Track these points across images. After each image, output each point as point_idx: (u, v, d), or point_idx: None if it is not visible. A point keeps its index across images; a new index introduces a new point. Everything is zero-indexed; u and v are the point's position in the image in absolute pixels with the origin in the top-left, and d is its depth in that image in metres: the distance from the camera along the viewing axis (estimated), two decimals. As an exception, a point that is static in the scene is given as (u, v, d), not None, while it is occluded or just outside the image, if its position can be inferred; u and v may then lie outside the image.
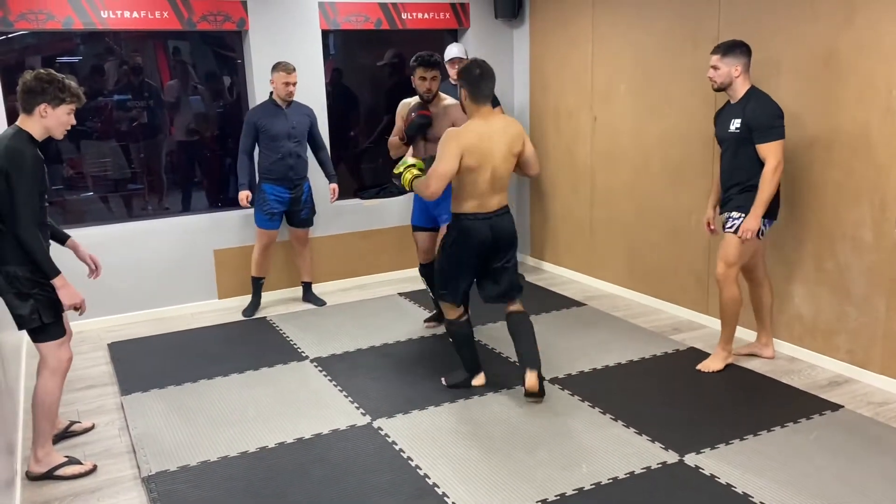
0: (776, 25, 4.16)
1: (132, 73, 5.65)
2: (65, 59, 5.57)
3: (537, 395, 3.74)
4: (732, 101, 3.93)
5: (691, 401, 3.80)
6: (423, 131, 4.46)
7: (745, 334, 4.51)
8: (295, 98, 5.15)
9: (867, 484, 3.01)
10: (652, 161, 5.10)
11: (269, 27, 5.40)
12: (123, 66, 5.62)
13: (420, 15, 5.92)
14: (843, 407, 3.66)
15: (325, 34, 5.76)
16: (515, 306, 3.89)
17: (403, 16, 5.84)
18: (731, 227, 3.93)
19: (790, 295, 4.29)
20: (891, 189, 3.71)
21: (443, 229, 4.43)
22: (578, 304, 5.36)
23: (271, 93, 5.12)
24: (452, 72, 5.25)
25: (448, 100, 4.54)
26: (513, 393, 3.92)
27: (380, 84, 6.45)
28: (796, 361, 4.24)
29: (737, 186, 3.94)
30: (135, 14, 4.99)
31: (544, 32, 5.96)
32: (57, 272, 3.07)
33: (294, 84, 5.05)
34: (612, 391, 3.91)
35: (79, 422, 3.72)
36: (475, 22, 6.16)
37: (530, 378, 3.71)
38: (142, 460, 3.36)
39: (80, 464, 3.30)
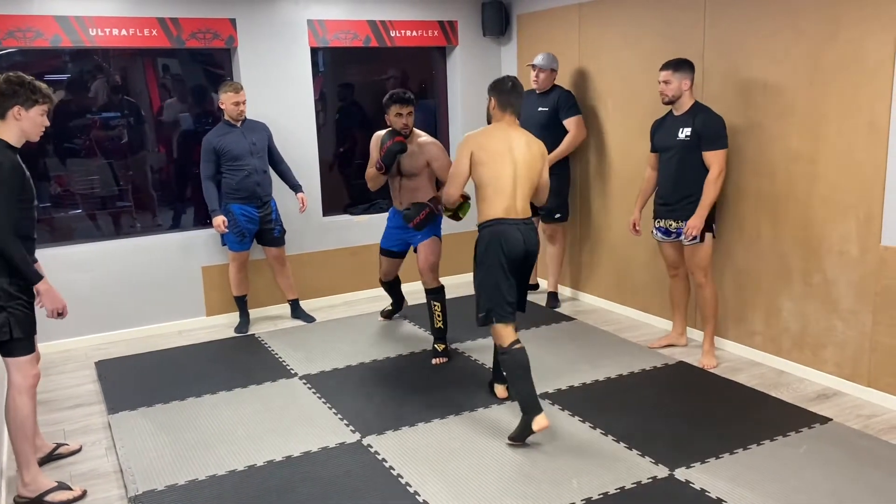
0: (759, 43, 4.21)
1: (121, 90, 5.64)
2: (53, 76, 5.56)
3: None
4: (677, 113, 4.29)
5: (681, 415, 3.80)
6: (397, 158, 4.45)
7: (692, 334, 4.56)
8: (278, 115, 5.15)
9: (857, 497, 3.02)
10: (638, 178, 5.12)
11: (257, 45, 5.42)
12: (112, 83, 5.61)
13: (409, 32, 5.96)
14: (831, 420, 3.67)
15: (315, 51, 5.78)
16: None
17: (392, 33, 5.88)
18: (693, 240, 4.24)
19: (778, 309, 4.32)
20: (876, 203, 3.75)
21: (425, 247, 4.62)
22: (568, 318, 5.36)
23: (223, 113, 5.05)
24: (533, 76, 5.35)
25: (423, 136, 4.58)
26: (503, 408, 3.91)
27: (369, 100, 6.46)
28: (785, 375, 4.26)
29: (686, 199, 4.26)
30: (123, 32, 4.99)
31: (531, 51, 6.00)
32: (40, 277, 3.06)
33: (244, 102, 5.03)
34: (602, 406, 3.91)
35: (66, 444, 3.67)
36: (463, 39, 6.21)
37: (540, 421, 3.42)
38: (129, 480, 3.32)
39: (70, 489, 3.24)
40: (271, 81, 5.49)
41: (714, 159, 4.14)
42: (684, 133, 4.21)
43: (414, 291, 5.93)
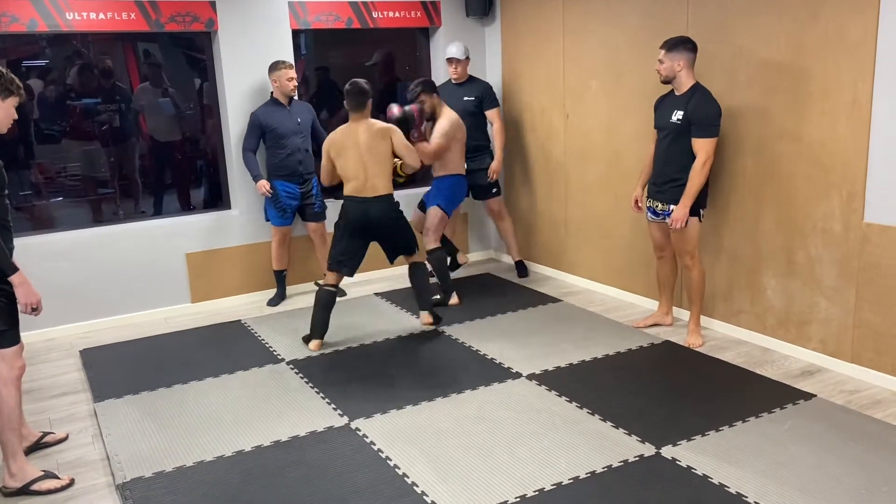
0: (744, 22, 4.20)
1: (100, 75, 5.57)
2: (31, 62, 5.48)
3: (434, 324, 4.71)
4: (677, 93, 4.19)
5: (667, 393, 3.83)
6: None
7: (680, 314, 4.61)
8: (260, 98, 5.21)
9: (841, 471, 3.05)
10: (624, 158, 5.13)
11: (238, 27, 5.35)
12: (91, 68, 5.54)
13: (391, 14, 5.91)
14: (815, 396, 3.71)
15: (296, 34, 5.72)
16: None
17: (374, 14, 5.82)
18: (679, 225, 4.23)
19: (763, 287, 4.34)
20: (859, 181, 3.77)
21: (428, 212, 5.26)
22: (554, 300, 5.38)
23: (272, 92, 5.28)
24: (451, 69, 5.65)
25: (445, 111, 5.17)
26: (490, 390, 3.92)
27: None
28: (770, 352, 4.29)
29: (671, 182, 4.24)
30: (101, 16, 4.91)
31: (515, 30, 5.98)
32: (15, 269, 3.01)
33: (296, 78, 5.26)
34: (589, 386, 3.93)
35: (52, 432, 3.65)
36: (446, 20, 6.16)
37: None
38: (116, 467, 3.31)
39: (57, 478, 3.23)
40: (252, 65, 5.43)
41: (702, 147, 4.06)
42: (677, 116, 4.14)
43: (397, 276, 5.93)
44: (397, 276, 5.94)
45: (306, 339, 4.64)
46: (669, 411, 3.62)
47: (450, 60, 5.63)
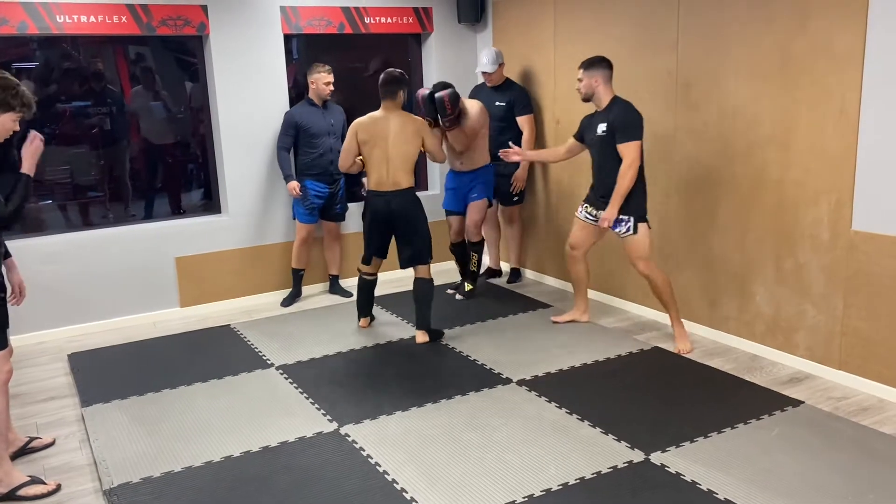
0: (733, 30, 4.23)
1: (91, 78, 5.55)
2: (21, 64, 5.45)
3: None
4: (599, 110, 4.41)
5: (656, 399, 3.84)
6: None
7: (657, 316, 4.60)
8: (251, 103, 5.28)
9: (828, 478, 3.07)
10: (615, 163, 5.15)
11: (230, 31, 5.35)
12: (82, 71, 5.52)
13: (383, 19, 5.92)
14: (803, 403, 3.73)
15: (288, 38, 5.72)
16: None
17: (367, 20, 5.83)
18: (627, 232, 4.35)
19: (752, 294, 4.37)
20: (847, 189, 3.79)
21: (474, 206, 5.35)
22: (545, 305, 5.39)
23: (307, 93, 5.42)
24: (485, 76, 5.62)
25: (469, 102, 5.22)
26: (481, 396, 3.92)
27: (344, 87, 6.41)
28: (758, 359, 4.31)
29: (607, 197, 4.36)
30: (92, 19, 4.90)
31: (507, 37, 5.99)
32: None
33: (332, 83, 5.38)
34: (579, 392, 3.94)
35: (39, 437, 3.62)
36: (438, 26, 6.18)
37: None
38: (103, 473, 3.29)
39: (44, 483, 3.20)
40: (244, 69, 5.43)
41: (626, 150, 4.22)
42: (601, 129, 4.33)
43: (391, 280, 5.93)
44: (391, 280, 5.94)
45: (358, 318, 5.05)
46: (659, 417, 3.63)
47: (483, 73, 5.61)
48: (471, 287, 5.56)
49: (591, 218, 4.61)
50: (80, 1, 4.84)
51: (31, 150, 3.09)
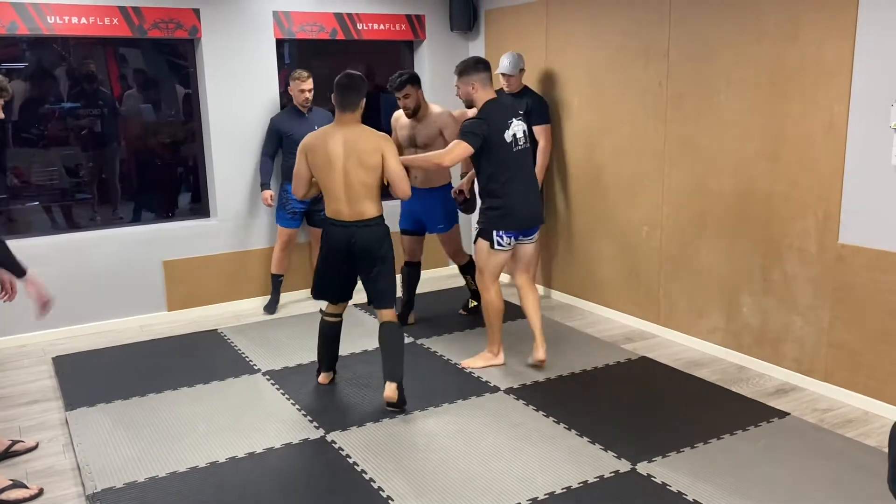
0: (723, 41, 4.26)
1: (81, 80, 5.53)
2: (11, 65, 5.43)
3: (395, 405, 3.81)
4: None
5: (644, 409, 3.84)
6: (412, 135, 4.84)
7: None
8: (242, 107, 5.22)
9: (813, 489, 3.08)
10: (605, 174, 5.17)
11: (222, 35, 5.34)
12: (72, 73, 5.49)
13: (376, 26, 5.92)
14: (789, 414, 3.74)
15: (280, 43, 5.71)
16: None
17: (359, 26, 5.83)
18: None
19: (739, 305, 4.39)
20: (834, 201, 3.82)
21: (446, 238, 5.06)
22: (533, 314, 5.38)
23: (291, 99, 5.38)
24: (503, 81, 5.24)
25: (437, 108, 4.87)
26: (468, 404, 3.91)
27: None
28: (745, 370, 4.33)
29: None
30: (83, 20, 4.88)
31: (499, 45, 6.01)
32: (26, 267, 3.11)
33: (310, 91, 5.29)
34: (566, 401, 3.94)
35: (21, 441, 3.58)
36: (431, 34, 6.19)
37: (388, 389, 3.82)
38: (87, 477, 3.26)
39: (26, 487, 3.17)
40: (236, 73, 5.42)
41: (454, 147, 4.01)
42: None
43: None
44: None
45: (317, 373, 4.24)
46: (645, 427, 3.63)
47: (502, 75, 5.26)
48: (475, 303, 5.32)
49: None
50: (71, 2, 4.82)
51: (40, 286, 3.19)
